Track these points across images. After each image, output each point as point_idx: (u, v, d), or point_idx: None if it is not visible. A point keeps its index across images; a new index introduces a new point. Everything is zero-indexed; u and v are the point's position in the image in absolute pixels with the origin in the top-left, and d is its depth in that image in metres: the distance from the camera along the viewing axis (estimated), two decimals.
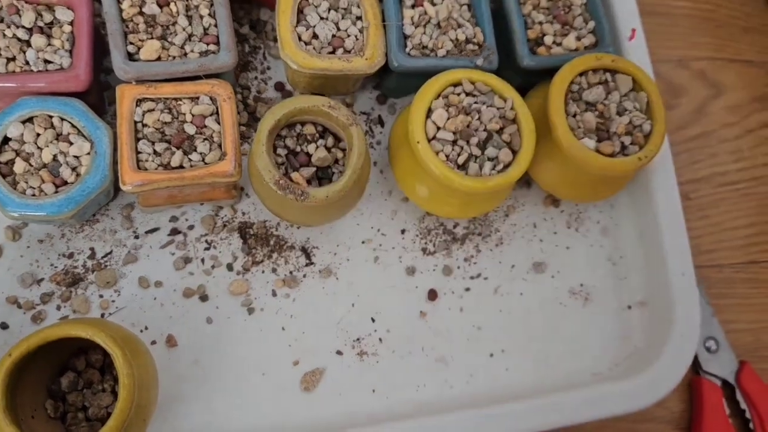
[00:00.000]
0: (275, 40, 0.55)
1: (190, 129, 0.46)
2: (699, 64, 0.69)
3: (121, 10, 0.46)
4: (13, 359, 0.37)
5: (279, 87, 0.54)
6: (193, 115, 0.46)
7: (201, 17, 0.47)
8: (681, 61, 0.69)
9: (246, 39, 0.54)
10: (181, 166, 0.45)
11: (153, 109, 0.46)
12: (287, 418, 0.47)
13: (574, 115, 0.49)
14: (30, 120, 0.45)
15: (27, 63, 0.45)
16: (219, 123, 0.46)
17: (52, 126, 0.45)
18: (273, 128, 0.44)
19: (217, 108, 0.46)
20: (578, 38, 0.52)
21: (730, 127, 0.67)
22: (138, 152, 0.45)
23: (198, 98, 0.46)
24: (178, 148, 0.45)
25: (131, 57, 0.46)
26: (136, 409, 0.38)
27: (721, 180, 0.66)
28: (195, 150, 0.45)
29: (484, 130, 0.47)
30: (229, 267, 0.49)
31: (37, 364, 0.41)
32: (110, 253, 0.49)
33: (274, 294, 0.49)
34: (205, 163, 0.45)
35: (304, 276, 0.50)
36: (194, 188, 0.47)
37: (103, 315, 0.47)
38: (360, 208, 0.52)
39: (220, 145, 0.46)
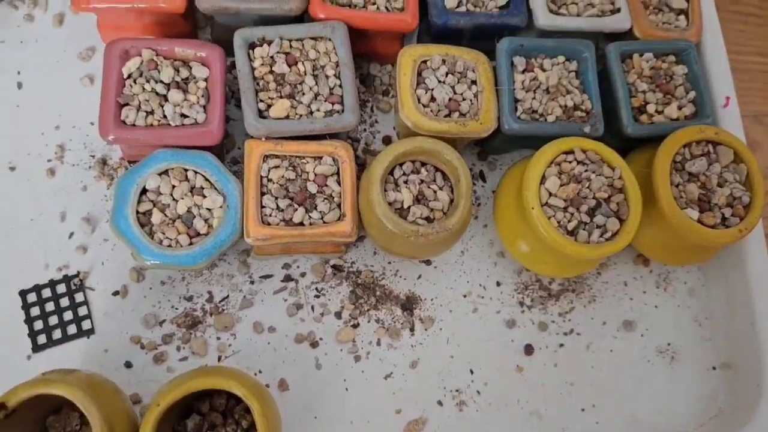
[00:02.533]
0: (383, 93, 0.57)
1: (312, 187, 0.48)
2: None
3: (253, 69, 0.48)
4: (161, 409, 0.40)
5: (386, 141, 0.56)
6: (315, 174, 0.48)
7: (327, 77, 0.49)
8: (756, 117, 0.71)
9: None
10: (301, 223, 0.47)
11: (278, 166, 0.48)
12: None
13: (677, 185, 0.50)
14: (166, 172, 0.47)
15: (164, 116, 0.47)
16: (339, 184, 0.48)
17: (187, 179, 0.47)
18: (383, 174, 0.46)
19: (338, 169, 0.48)
20: (679, 107, 0.53)
21: None
22: (262, 206, 0.47)
23: (321, 158, 0.48)
24: (300, 205, 0.47)
25: (261, 114, 0.48)
26: None
27: None
28: (315, 208, 0.47)
29: (593, 197, 0.48)
30: (338, 315, 0.51)
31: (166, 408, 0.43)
32: (227, 297, 0.51)
33: (378, 343, 0.51)
34: (324, 222, 0.47)
35: (408, 327, 0.52)
36: (312, 244, 0.49)
37: (219, 358, 0.49)
38: (461, 261, 0.54)
39: (339, 205, 0.48)
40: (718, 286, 0.57)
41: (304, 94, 0.49)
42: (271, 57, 0.49)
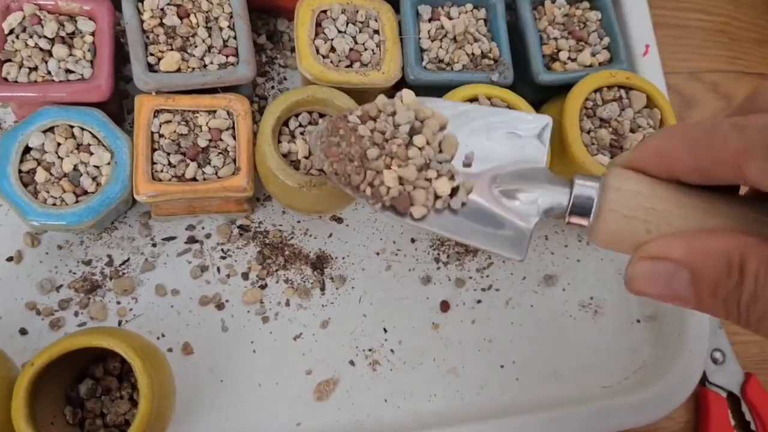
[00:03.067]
0: (292, 50, 0.55)
1: (203, 142, 0.46)
2: (711, 76, 0.69)
3: (142, 21, 0.47)
4: (35, 369, 0.38)
5: None
6: (209, 129, 0.47)
7: (220, 29, 0.48)
8: (693, 74, 0.70)
9: (263, 49, 0.55)
10: (194, 179, 0.45)
11: (170, 121, 0.46)
12: (300, 426, 0.48)
13: (588, 132, 0.49)
14: (51, 130, 0.45)
15: (49, 73, 0.45)
16: (234, 138, 0.47)
17: (73, 136, 0.45)
18: (275, 126, 0.45)
19: (233, 123, 0.47)
20: (593, 54, 0.52)
21: None
22: (153, 163, 0.45)
23: (215, 112, 0.47)
24: (192, 161, 0.46)
25: (151, 68, 0.47)
26: (155, 417, 0.39)
27: None
28: (209, 163, 0.46)
29: None
30: (245, 276, 0.50)
31: (56, 371, 0.41)
32: (128, 260, 0.49)
33: (287, 304, 0.50)
34: (219, 177, 0.46)
35: (318, 287, 0.50)
36: (207, 201, 0.48)
37: (120, 322, 0.48)
38: (373, 218, 0.53)
39: (234, 160, 0.46)
40: None
41: (196, 46, 0.47)
42: (161, 9, 0.47)
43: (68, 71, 0.46)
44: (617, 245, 0.32)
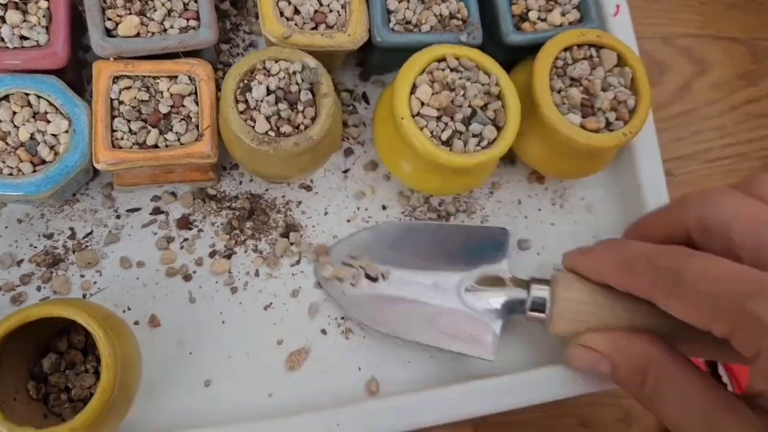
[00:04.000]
0: (257, 16, 0.54)
1: (165, 108, 0.45)
2: (683, 41, 0.69)
3: None
4: None
5: None
6: (171, 94, 0.45)
7: None
8: (665, 38, 0.69)
9: (227, 15, 0.53)
10: (156, 146, 0.44)
11: (130, 87, 0.45)
12: (272, 397, 0.47)
13: (559, 91, 0.48)
14: (6, 98, 0.44)
15: (2, 39, 0.44)
16: (197, 104, 0.45)
17: (29, 104, 0.44)
18: (236, 88, 0.44)
19: (195, 88, 0.46)
20: (563, 14, 0.51)
21: (714, 104, 0.68)
22: (113, 130, 0.44)
23: (176, 77, 0.46)
24: (154, 127, 0.44)
25: (109, 33, 0.45)
26: (119, 389, 0.38)
27: (706, 157, 0.67)
28: (171, 129, 0.45)
29: (469, 106, 0.46)
30: (212, 246, 0.49)
31: (18, 345, 0.40)
32: (91, 233, 0.48)
33: (257, 273, 0.49)
34: (181, 144, 0.45)
35: (288, 255, 0.49)
36: (171, 169, 0.47)
37: (84, 296, 0.47)
38: (344, 186, 0.52)
39: (197, 126, 0.45)
40: (614, 200, 0.55)
41: (155, 10, 0.46)
42: None
43: (23, 38, 0.44)
44: (567, 336, 0.45)
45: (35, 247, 0.47)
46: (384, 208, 0.52)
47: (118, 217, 0.48)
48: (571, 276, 0.45)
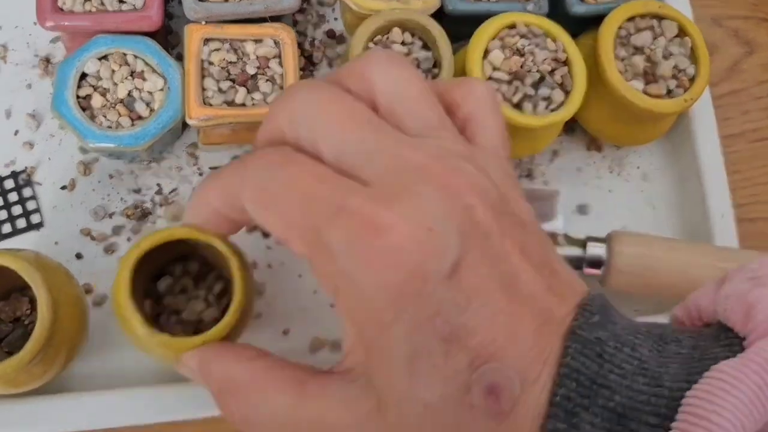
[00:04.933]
0: None
1: (252, 70, 0.48)
2: (733, 22, 0.70)
3: None
4: (140, 251, 0.39)
5: (331, 34, 0.56)
6: (257, 57, 0.48)
7: None
8: (715, 20, 0.71)
9: None
10: (243, 104, 0.47)
11: (219, 49, 0.48)
12: None
13: (623, 59, 0.50)
14: (105, 57, 0.47)
15: (102, 3, 0.47)
16: (281, 66, 0.48)
17: (127, 63, 0.47)
18: (365, 45, 0.47)
19: (280, 51, 0.48)
20: None
21: (762, 84, 0.69)
22: (204, 89, 0.47)
23: (262, 41, 0.48)
24: (242, 86, 0.47)
25: None
26: (243, 314, 0.40)
27: (754, 136, 0.68)
28: (258, 89, 0.47)
29: (537, 71, 0.48)
30: None
31: (141, 264, 0.42)
32: (176, 189, 0.51)
33: None
34: (267, 103, 0.47)
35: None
36: (253, 127, 0.49)
37: None
38: None
39: (281, 87, 0.48)
40: (670, 169, 0.57)
41: None
42: None
43: (121, 1, 0.47)
44: (625, 291, 0.47)
45: (125, 201, 0.50)
46: None
47: (201, 174, 0.51)
48: (629, 232, 0.47)
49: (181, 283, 0.44)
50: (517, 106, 0.48)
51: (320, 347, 0.49)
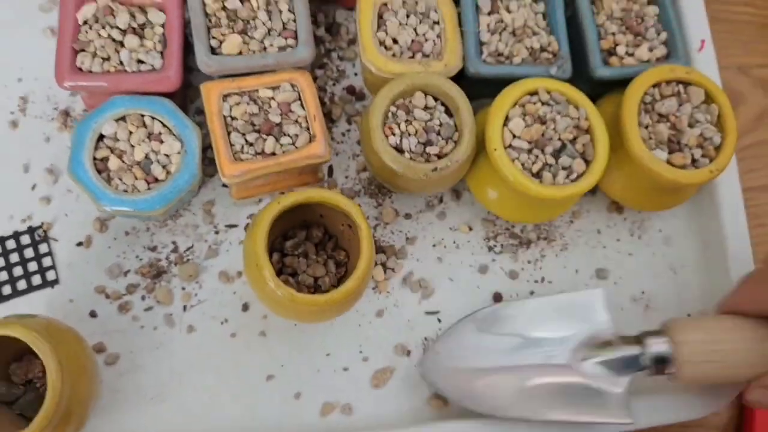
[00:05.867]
0: (349, 42, 0.56)
1: (277, 117, 0.47)
2: (760, 71, 0.69)
3: (204, 5, 0.48)
4: (280, 207, 0.43)
5: (350, 90, 0.55)
6: (278, 103, 0.48)
7: (280, 12, 0.49)
8: (741, 68, 0.69)
9: (322, 41, 0.55)
10: (273, 153, 0.47)
11: (239, 102, 0.48)
12: (357, 412, 0.49)
13: (647, 127, 0.49)
14: (123, 118, 0.46)
15: (121, 63, 0.47)
16: (303, 108, 0.48)
17: (144, 125, 0.47)
18: (387, 107, 0.47)
19: (299, 94, 0.48)
20: (650, 49, 0.52)
21: None
22: (231, 145, 0.47)
23: (279, 87, 0.48)
24: (269, 135, 0.47)
25: (213, 51, 0.48)
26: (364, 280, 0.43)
27: None
28: (285, 134, 0.47)
29: (558, 139, 0.48)
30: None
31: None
32: (192, 247, 0.50)
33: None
34: (296, 147, 0.47)
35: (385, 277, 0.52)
36: (287, 174, 0.49)
37: (185, 307, 0.49)
38: (428, 211, 0.54)
39: (308, 129, 0.47)
40: (693, 233, 0.56)
41: (256, 29, 0.48)
42: None
43: (139, 61, 0.47)
44: (701, 381, 0.45)
45: (141, 259, 0.50)
46: (470, 229, 0.53)
47: (217, 232, 0.51)
48: (687, 319, 0.45)
49: (303, 246, 0.47)
50: (537, 175, 0.47)
51: (331, 411, 0.49)
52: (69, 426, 0.42)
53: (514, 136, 0.47)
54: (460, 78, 0.51)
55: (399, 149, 0.46)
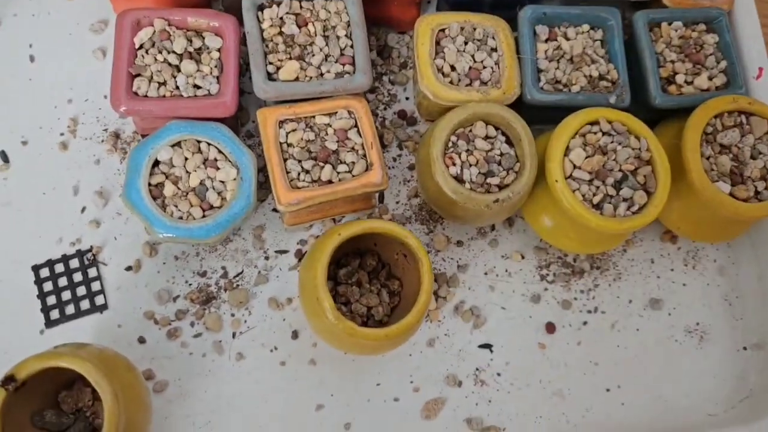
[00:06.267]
0: (401, 66, 0.55)
1: (333, 145, 0.47)
2: None
3: (262, 30, 0.47)
4: (342, 238, 0.42)
5: (402, 115, 0.55)
6: (335, 130, 0.47)
7: (338, 38, 0.48)
8: None
9: (373, 65, 0.55)
10: (330, 181, 0.46)
11: (296, 129, 0.47)
12: None
13: (708, 158, 0.48)
14: (178, 144, 0.46)
15: (177, 87, 0.46)
16: (360, 135, 0.47)
17: (200, 151, 0.46)
18: (448, 137, 0.46)
19: (356, 121, 0.47)
20: (710, 78, 0.51)
21: None
22: (288, 172, 0.46)
23: (336, 113, 0.47)
24: (325, 163, 0.46)
25: (270, 77, 0.47)
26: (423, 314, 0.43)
27: None
28: (342, 162, 0.46)
29: (620, 170, 0.47)
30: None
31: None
32: (241, 272, 0.50)
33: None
34: (353, 175, 0.46)
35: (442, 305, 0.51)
36: (341, 201, 0.48)
37: (234, 334, 0.49)
38: (480, 237, 0.53)
39: (364, 156, 0.47)
40: (748, 263, 0.55)
41: (314, 55, 0.48)
42: (281, 18, 0.48)
43: (196, 86, 0.46)
44: None
45: (190, 284, 0.49)
46: (523, 257, 0.52)
47: (267, 258, 0.50)
48: None
49: (357, 275, 0.46)
50: (597, 206, 0.46)
51: None
52: None
53: (575, 167, 0.46)
54: (517, 106, 0.50)
55: (459, 179, 0.46)
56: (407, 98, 0.55)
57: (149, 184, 0.45)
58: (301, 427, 0.48)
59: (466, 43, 0.49)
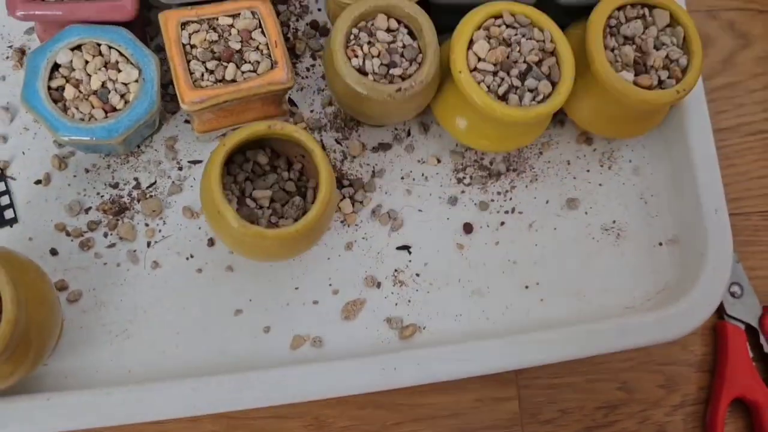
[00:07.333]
0: None
1: (236, 44, 0.46)
2: (728, 14, 0.69)
3: None
4: (226, 149, 0.42)
5: (314, 25, 0.54)
6: (238, 30, 0.47)
7: None
8: (710, 12, 0.69)
9: None
10: (234, 80, 0.46)
11: (198, 30, 0.47)
12: (328, 344, 0.48)
13: (612, 50, 0.49)
14: (79, 48, 0.45)
15: None
16: (264, 35, 0.47)
17: (101, 53, 0.46)
18: (349, 29, 0.46)
19: (260, 21, 0.47)
20: None
21: (757, 77, 0.67)
22: (191, 72, 0.46)
23: (239, 14, 0.47)
24: (229, 62, 0.46)
25: None
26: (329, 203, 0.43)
27: (748, 129, 0.66)
28: (246, 61, 0.46)
29: (524, 61, 0.47)
30: None
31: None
32: (155, 183, 0.49)
33: None
34: (258, 74, 0.46)
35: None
36: (247, 107, 0.48)
37: (149, 243, 0.48)
38: (396, 144, 0.53)
39: (269, 56, 0.47)
40: (662, 163, 0.56)
41: None
42: None
43: None
44: None
45: (102, 196, 0.49)
46: (439, 162, 0.53)
47: (180, 168, 0.50)
48: None
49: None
50: (503, 97, 0.47)
51: (301, 344, 0.48)
52: (28, 355, 0.41)
53: (479, 59, 0.47)
54: (429, 8, 0.50)
55: (362, 71, 0.46)
56: (319, 9, 0.55)
57: (50, 87, 0.44)
58: (220, 332, 0.48)
59: None
